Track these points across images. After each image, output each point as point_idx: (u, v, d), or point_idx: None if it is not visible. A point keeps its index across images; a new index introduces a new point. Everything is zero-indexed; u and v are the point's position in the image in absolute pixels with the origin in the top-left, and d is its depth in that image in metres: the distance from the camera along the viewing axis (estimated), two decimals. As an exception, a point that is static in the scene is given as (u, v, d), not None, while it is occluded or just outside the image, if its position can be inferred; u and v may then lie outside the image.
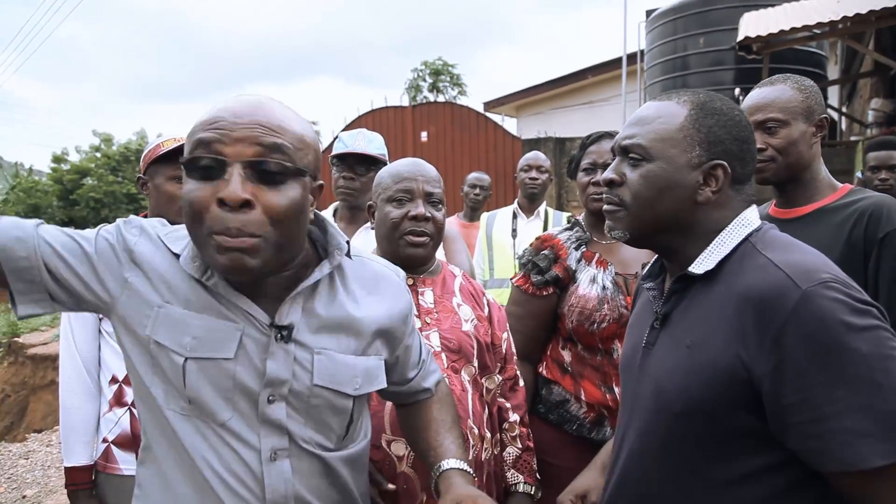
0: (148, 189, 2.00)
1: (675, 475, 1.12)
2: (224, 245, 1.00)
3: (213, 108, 1.06)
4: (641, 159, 1.16)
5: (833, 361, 0.94)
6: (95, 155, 29.29)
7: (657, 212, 1.16)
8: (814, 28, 7.06)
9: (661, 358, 1.18)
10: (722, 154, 1.14)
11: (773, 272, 1.02)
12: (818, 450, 0.96)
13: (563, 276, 2.03)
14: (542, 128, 12.20)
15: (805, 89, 1.81)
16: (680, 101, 1.18)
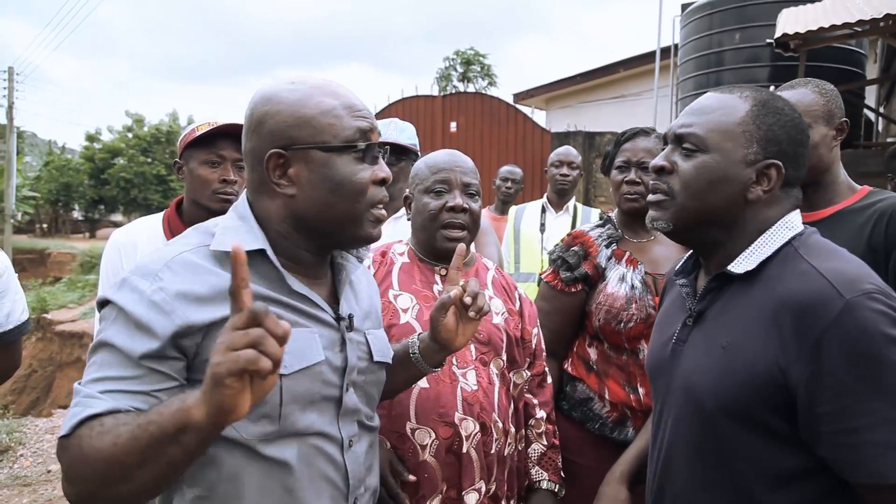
0: (183, 173, 2.02)
1: (708, 474, 1.12)
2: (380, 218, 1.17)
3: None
4: (696, 150, 1.15)
5: (872, 373, 0.94)
6: (127, 135, 29.70)
7: (706, 204, 1.15)
8: (854, 25, 6.89)
9: (693, 356, 1.17)
10: (778, 154, 1.14)
11: (816, 279, 1.02)
12: (850, 460, 0.96)
13: (593, 273, 2.02)
14: (572, 121, 12.10)
15: (826, 93, 1.81)
16: (742, 95, 1.17)
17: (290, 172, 1.09)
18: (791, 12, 8.01)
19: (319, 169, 1.09)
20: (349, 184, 1.09)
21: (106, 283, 1.99)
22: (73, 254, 18.05)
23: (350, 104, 1.12)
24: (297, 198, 1.10)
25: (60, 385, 9.94)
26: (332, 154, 1.09)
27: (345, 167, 1.09)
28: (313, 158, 1.09)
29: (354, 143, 1.10)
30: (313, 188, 1.09)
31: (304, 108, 1.09)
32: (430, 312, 1.31)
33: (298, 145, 1.08)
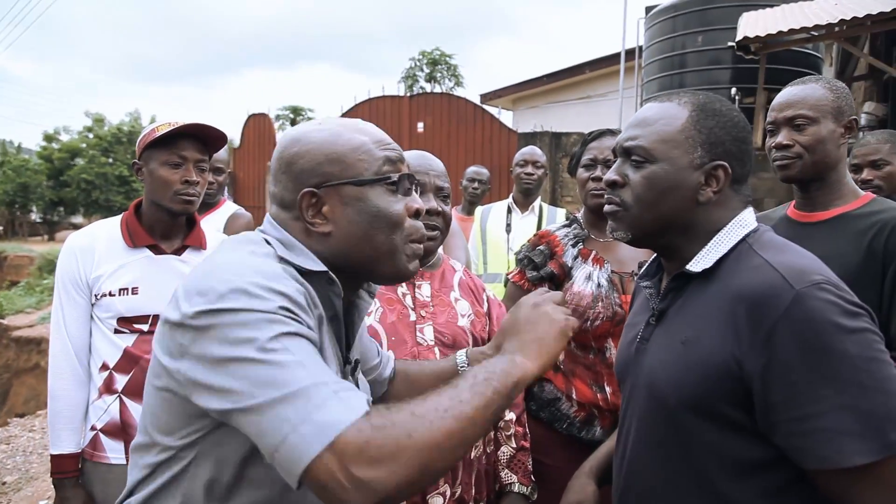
0: (143, 174, 1.97)
1: (673, 469, 1.14)
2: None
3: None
4: (644, 161, 1.18)
5: (821, 361, 0.96)
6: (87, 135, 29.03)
7: (660, 212, 1.18)
8: (811, 30, 7.07)
9: (655, 353, 1.20)
10: (723, 154, 1.17)
11: (768, 272, 1.05)
12: (802, 447, 0.98)
13: (559, 272, 2.03)
14: (539, 121, 12.17)
15: (836, 90, 1.82)
16: (681, 102, 1.20)
17: (324, 210, 1.08)
18: (751, 16, 8.19)
19: (354, 203, 1.08)
20: (385, 215, 1.09)
21: (62, 289, 1.93)
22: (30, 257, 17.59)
23: (379, 139, 1.13)
24: (334, 235, 1.09)
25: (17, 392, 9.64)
26: (366, 187, 1.08)
27: (379, 199, 1.09)
28: (347, 194, 1.08)
29: (387, 175, 1.10)
30: (349, 223, 1.08)
31: (335, 145, 1.09)
32: None
33: (331, 182, 1.08)
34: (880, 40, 8.42)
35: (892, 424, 0.94)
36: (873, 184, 2.74)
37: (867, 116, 7.88)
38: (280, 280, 0.96)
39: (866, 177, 2.75)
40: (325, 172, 1.08)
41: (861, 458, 0.94)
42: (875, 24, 6.90)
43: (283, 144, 1.13)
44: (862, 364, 0.96)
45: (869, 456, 0.94)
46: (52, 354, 1.94)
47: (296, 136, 1.12)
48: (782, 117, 1.82)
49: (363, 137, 1.11)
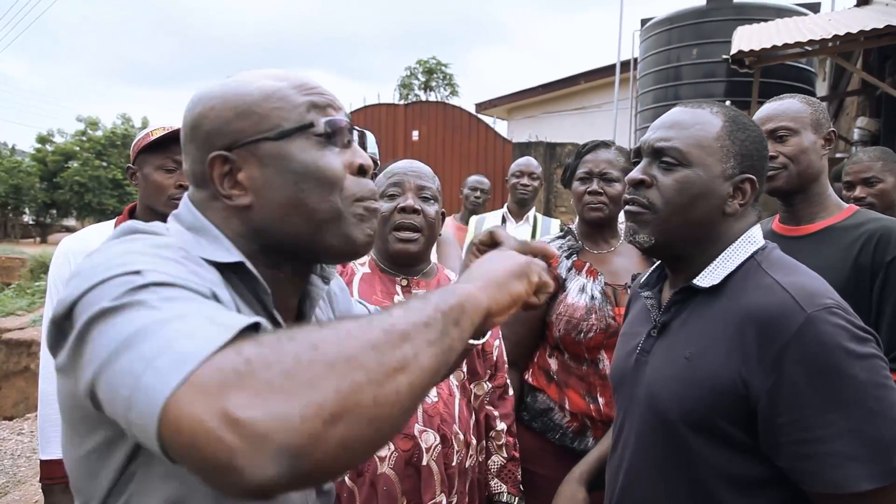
0: (137, 179, 1.97)
1: (671, 483, 1.13)
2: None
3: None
4: (677, 164, 1.16)
5: (830, 385, 0.96)
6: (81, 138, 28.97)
7: (688, 219, 1.16)
8: (805, 45, 7.13)
9: (657, 367, 1.19)
10: (750, 168, 1.17)
11: (778, 293, 1.04)
12: (808, 470, 0.98)
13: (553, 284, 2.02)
14: (533, 131, 12.21)
15: (813, 104, 1.87)
16: (713, 111, 1.19)
17: (239, 178, 0.87)
18: (746, 30, 8.26)
19: (275, 163, 0.86)
20: (315, 172, 0.86)
21: (54, 293, 1.92)
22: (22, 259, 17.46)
23: (300, 82, 0.90)
24: (255, 206, 0.87)
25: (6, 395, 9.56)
26: (286, 141, 0.86)
27: (305, 154, 0.86)
28: (265, 153, 0.86)
29: (311, 122, 0.87)
30: (272, 189, 0.86)
31: (244, 95, 0.87)
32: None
33: (243, 141, 0.86)
34: (873, 56, 8.49)
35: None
36: (866, 201, 2.75)
37: (860, 131, 7.94)
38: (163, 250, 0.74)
39: (859, 194, 2.77)
40: (234, 130, 0.86)
41: (868, 483, 0.94)
42: (868, 41, 6.97)
43: (187, 108, 0.91)
44: (871, 390, 0.96)
45: (876, 482, 0.94)
46: (44, 358, 1.92)
47: (199, 95, 0.91)
48: (765, 130, 1.85)
49: (279, 83, 0.89)
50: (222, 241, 0.87)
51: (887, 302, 1.67)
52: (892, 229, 1.71)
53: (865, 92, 8.64)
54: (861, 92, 8.88)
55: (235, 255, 0.85)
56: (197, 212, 0.90)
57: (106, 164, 27.17)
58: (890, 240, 1.69)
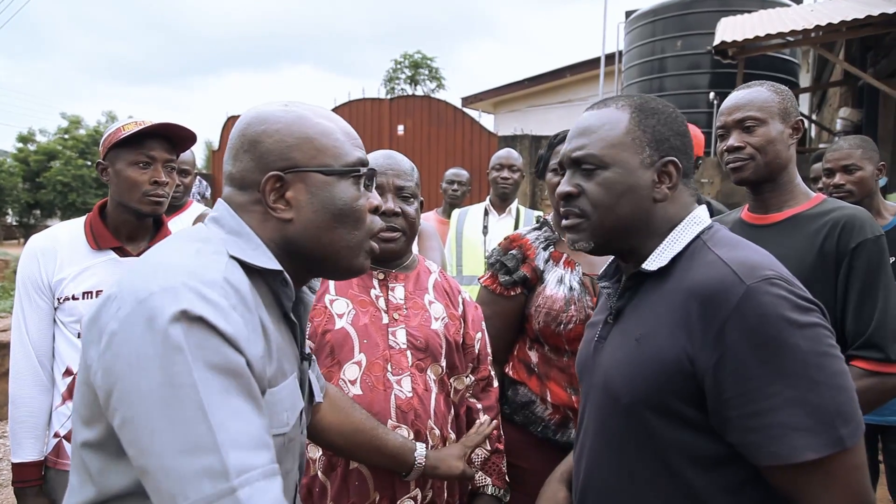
0: (108, 174, 1.93)
1: (630, 467, 1.13)
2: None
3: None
4: (596, 168, 1.18)
5: (772, 356, 0.96)
6: (63, 137, 28.70)
7: (619, 216, 1.18)
8: (787, 35, 7.16)
9: (610, 351, 1.21)
10: (670, 150, 1.18)
11: (719, 267, 1.05)
12: (754, 442, 0.98)
13: (531, 276, 2.02)
14: (519, 125, 12.21)
15: (781, 92, 1.85)
16: (618, 106, 1.21)
17: (287, 196, 1.01)
18: (729, 21, 8.29)
19: (320, 193, 1.02)
20: (350, 209, 1.05)
21: (23, 292, 1.88)
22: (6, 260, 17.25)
23: (348, 131, 1.09)
24: (295, 222, 1.02)
25: (-10, 398, 9.42)
26: (335, 178, 1.04)
27: (346, 192, 1.04)
28: (314, 182, 1.02)
29: (356, 168, 1.06)
30: (313, 212, 1.02)
31: (303, 129, 1.03)
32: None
33: (299, 167, 1.01)
34: (855, 46, 8.55)
35: (841, 419, 0.95)
36: (845, 188, 2.76)
37: (842, 122, 8.00)
38: (216, 288, 0.86)
39: (838, 181, 2.78)
40: (292, 157, 1.02)
41: (812, 453, 0.94)
42: (850, 31, 7.01)
43: (246, 121, 1.05)
44: (813, 359, 0.96)
45: (819, 451, 0.94)
46: (14, 360, 1.88)
47: (262, 115, 1.04)
48: (731, 120, 1.85)
49: (332, 125, 1.07)
50: (263, 248, 1.00)
51: (852, 289, 1.67)
52: (856, 217, 1.71)
53: (848, 82, 8.71)
54: (843, 83, 8.94)
55: (276, 264, 1.00)
56: (239, 218, 1.03)
57: (89, 163, 26.92)
58: (854, 227, 1.69)
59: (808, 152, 8.13)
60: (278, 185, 1.01)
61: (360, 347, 1.59)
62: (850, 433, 0.95)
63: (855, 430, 0.96)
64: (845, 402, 0.97)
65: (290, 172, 1.01)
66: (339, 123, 1.09)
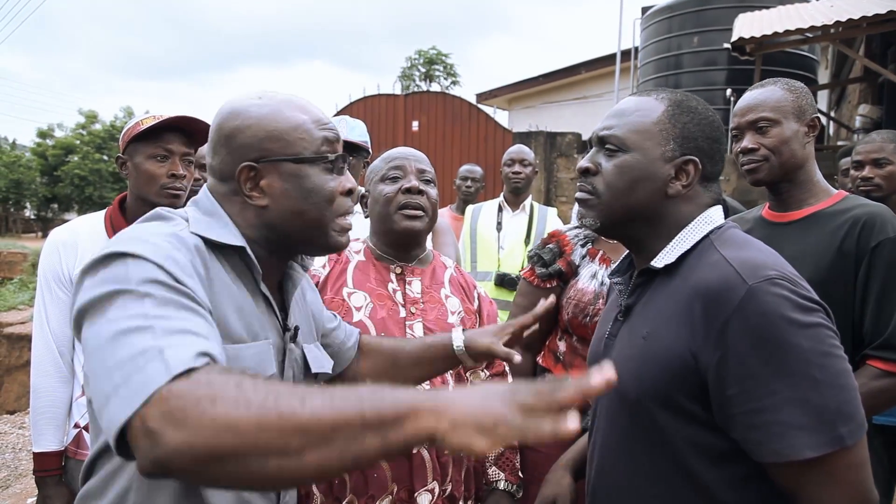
0: (127, 168, 1.95)
1: (639, 461, 1.15)
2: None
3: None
4: (617, 150, 1.20)
5: (774, 355, 0.97)
6: (80, 132, 28.97)
7: (629, 202, 1.19)
8: (806, 31, 7.09)
9: (619, 348, 1.22)
10: (694, 150, 1.18)
11: (723, 267, 1.06)
12: (756, 440, 0.99)
13: (566, 269, 2.12)
14: (534, 121, 12.17)
15: (795, 90, 1.82)
16: (658, 97, 1.22)
17: (262, 184, 1.12)
18: (747, 17, 8.20)
19: (292, 179, 1.12)
20: (319, 192, 1.13)
21: (45, 285, 1.91)
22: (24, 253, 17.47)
23: (318, 118, 1.17)
24: (270, 208, 1.13)
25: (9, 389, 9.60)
26: (304, 165, 1.13)
27: (316, 177, 1.13)
28: (286, 170, 1.12)
29: (325, 155, 1.15)
30: (286, 198, 1.12)
31: (276, 122, 1.12)
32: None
33: (271, 158, 1.11)
34: (876, 42, 8.45)
35: (842, 418, 0.96)
36: (874, 181, 2.72)
37: (862, 119, 7.91)
38: (160, 237, 0.96)
39: (867, 174, 2.74)
40: (265, 148, 1.11)
41: (812, 451, 0.95)
42: (870, 27, 6.92)
43: (222, 116, 1.15)
44: (814, 358, 0.97)
45: (819, 449, 0.95)
46: (35, 351, 1.91)
47: (236, 110, 1.14)
48: (745, 121, 1.83)
49: (303, 116, 1.15)
50: (231, 227, 1.11)
51: (871, 288, 1.65)
52: (877, 215, 1.68)
53: (868, 79, 8.59)
54: (863, 79, 8.82)
55: (240, 241, 1.10)
56: (214, 201, 1.14)
57: (106, 158, 27.17)
58: (875, 225, 1.66)
59: (827, 150, 8.05)
60: (252, 174, 1.11)
61: (377, 341, 1.60)
62: (851, 432, 0.96)
63: (856, 428, 0.97)
64: (847, 401, 0.97)
65: (263, 162, 1.11)
66: (312, 112, 1.17)
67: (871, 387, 1.58)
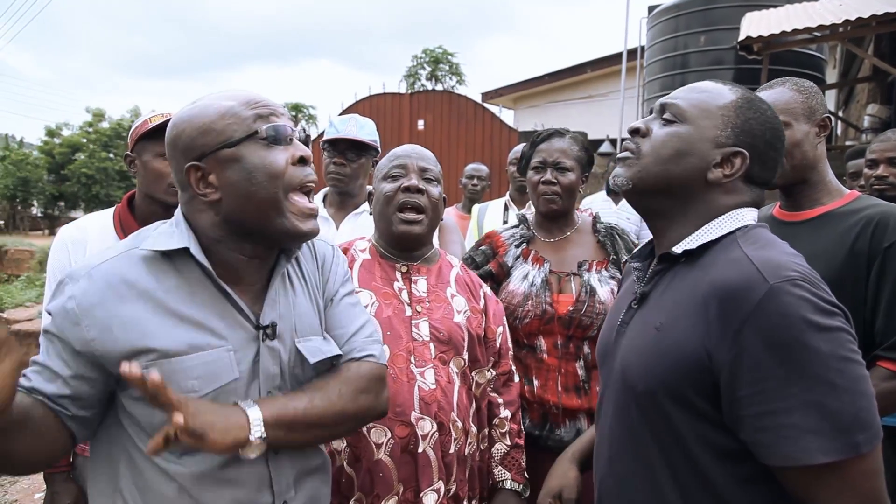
0: (135, 167, 1.95)
1: (647, 454, 1.13)
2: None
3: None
4: (674, 119, 1.19)
5: (791, 358, 0.95)
6: (87, 130, 29.05)
7: (666, 171, 1.18)
8: (814, 30, 7.04)
9: (631, 337, 1.20)
10: (747, 146, 1.16)
11: (744, 265, 1.04)
12: (766, 443, 0.97)
13: (498, 271, 2.09)
14: (540, 120, 12.16)
15: (805, 90, 1.79)
16: (733, 88, 1.21)
17: (210, 179, 1.14)
18: (754, 16, 8.16)
19: (232, 165, 1.12)
20: (261, 169, 1.13)
21: (54, 282, 1.91)
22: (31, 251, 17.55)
23: (247, 99, 1.16)
24: (223, 201, 1.14)
25: (16, 386, 9.58)
26: (239, 147, 1.13)
27: (254, 155, 1.13)
28: (224, 158, 1.12)
29: (255, 131, 1.14)
30: (232, 185, 1.13)
31: (204, 116, 1.14)
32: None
33: (208, 152, 1.12)
34: (885, 42, 8.40)
35: (859, 425, 0.94)
36: (888, 180, 2.69)
37: (870, 118, 7.86)
38: (77, 279, 1.11)
39: (882, 173, 2.71)
40: (200, 144, 1.13)
41: (825, 456, 0.93)
42: (880, 25, 6.87)
43: (167, 132, 1.18)
44: (833, 363, 0.94)
45: (833, 455, 0.93)
46: (43, 347, 1.91)
47: (174, 121, 1.17)
48: None
49: (230, 103, 1.15)
50: (183, 233, 1.14)
51: (883, 289, 1.63)
52: (890, 215, 1.66)
53: (877, 78, 8.54)
54: (872, 79, 8.77)
55: (182, 243, 1.13)
56: (181, 213, 1.19)
57: (112, 156, 27.23)
58: (888, 225, 1.64)
59: (835, 149, 8.01)
60: (199, 174, 1.14)
61: (383, 339, 1.60)
62: (867, 439, 0.94)
63: (872, 436, 0.95)
64: (864, 407, 0.95)
65: (203, 159, 1.13)
66: (241, 97, 1.16)
67: (880, 388, 1.56)
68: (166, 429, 0.98)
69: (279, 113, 1.18)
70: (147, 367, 1.05)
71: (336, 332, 1.32)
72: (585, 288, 1.97)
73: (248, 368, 1.17)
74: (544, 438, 1.92)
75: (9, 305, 10.72)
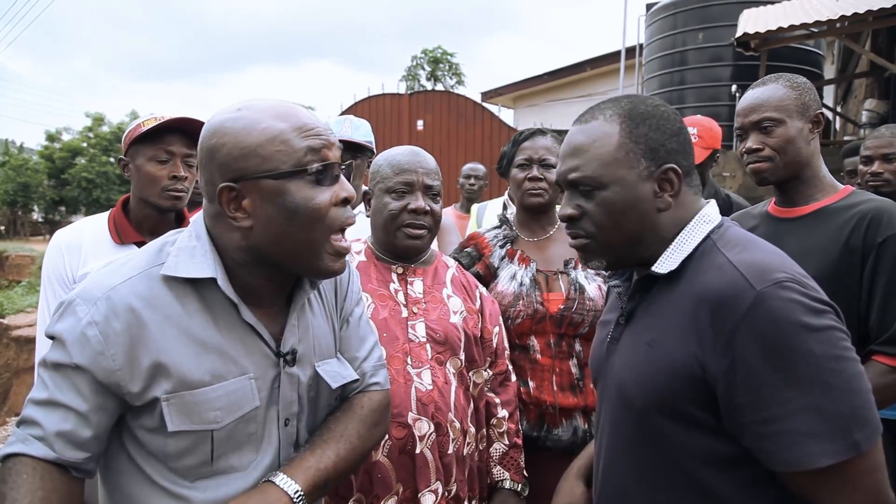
0: (129, 170, 1.95)
1: (645, 468, 1.13)
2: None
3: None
4: (593, 189, 1.15)
5: (785, 362, 0.95)
6: (87, 135, 29.10)
7: (624, 232, 1.15)
8: (812, 26, 7.03)
9: (623, 354, 1.19)
10: (667, 156, 1.14)
11: (729, 272, 1.03)
12: (769, 449, 0.97)
13: (485, 273, 2.08)
14: (539, 119, 12.14)
15: (798, 86, 1.79)
16: (606, 117, 1.16)
17: (244, 205, 1.04)
18: (752, 13, 8.15)
19: (273, 198, 1.03)
20: (304, 210, 1.04)
21: (48, 287, 1.91)
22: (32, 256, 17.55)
23: (300, 125, 1.05)
24: (254, 230, 1.05)
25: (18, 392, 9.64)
26: (284, 181, 1.03)
27: (299, 192, 1.04)
28: (265, 188, 1.03)
29: (305, 167, 1.04)
30: (268, 219, 1.04)
31: (250, 136, 1.03)
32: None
33: (248, 176, 1.02)
34: (882, 37, 8.38)
35: (857, 423, 0.93)
36: (883, 177, 2.69)
37: (868, 114, 7.84)
38: (87, 303, 1.02)
39: (876, 169, 2.71)
40: (241, 167, 1.03)
41: (827, 459, 0.93)
42: (877, 21, 6.86)
43: (205, 133, 1.07)
44: (827, 363, 0.94)
45: (835, 457, 0.93)
46: (39, 352, 1.91)
47: (214, 127, 1.06)
48: (749, 122, 1.81)
49: (282, 125, 1.04)
50: (209, 255, 1.07)
51: (878, 284, 1.63)
52: (884, 210, 1.66)
53: (874, 74, 8.53)
54: (870, 74, 8.76)
55: (210, 272, 1.05)
56: (202, 224, 1.11)
57: (113, 160, 27.26)
58: (882, 220, 1.64)
59: (833, 145, 7.99)
60: (233, 194, 1.04)
61: (379, 341, 1.60)
62: (866, 437, 0.94)
63: (871, 433, 0.95)
64: (861, 405, 0.95)
65: (241, 182, 1.03)
66: (294, 119, 1.06)
67: (876, 383, 1.56)
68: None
69: (330, 144, 1.09)
70: (168, 399, 1.02)
71: (348, 356, 1.31)
72: (574, 286, 1.97)
73: (266, 395, 1.13)
74: (542, 439, 1.92)
75: (9, 311, 10.71)
